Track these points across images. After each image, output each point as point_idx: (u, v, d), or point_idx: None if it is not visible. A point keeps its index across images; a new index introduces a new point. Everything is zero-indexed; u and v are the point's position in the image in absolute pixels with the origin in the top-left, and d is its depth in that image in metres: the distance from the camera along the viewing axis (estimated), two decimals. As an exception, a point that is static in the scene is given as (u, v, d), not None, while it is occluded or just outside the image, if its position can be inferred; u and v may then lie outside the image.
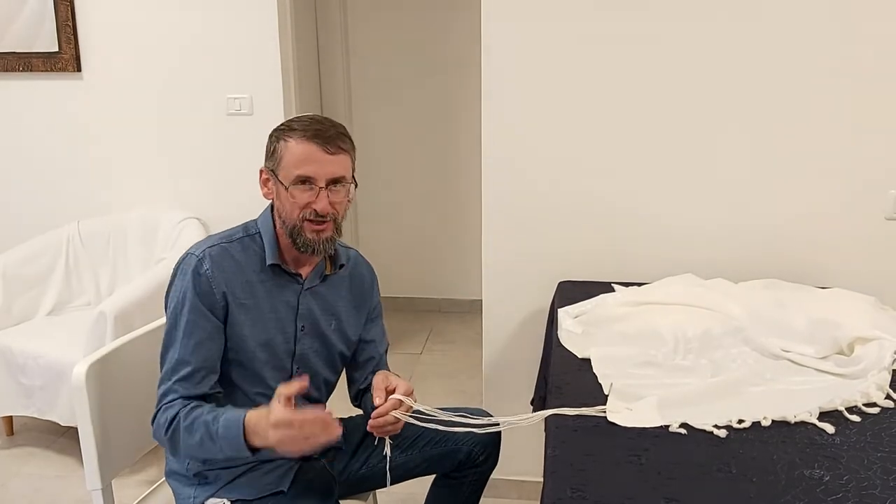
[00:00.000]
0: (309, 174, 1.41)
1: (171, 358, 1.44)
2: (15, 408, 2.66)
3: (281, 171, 1.44)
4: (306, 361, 1.57)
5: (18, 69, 3.10)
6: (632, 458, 1.23)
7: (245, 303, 1.47)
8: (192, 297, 1.43)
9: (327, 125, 1.44)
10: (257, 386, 1.51)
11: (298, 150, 1.41)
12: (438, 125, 4.03)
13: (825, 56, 2.03)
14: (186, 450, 1.41)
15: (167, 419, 1.40)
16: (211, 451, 1.37)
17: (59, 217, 3.14)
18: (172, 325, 1.45)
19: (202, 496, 1.50)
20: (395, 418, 1.44)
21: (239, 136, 3.04)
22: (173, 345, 1.44)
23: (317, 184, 1.42)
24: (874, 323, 1.66)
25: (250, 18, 2.93)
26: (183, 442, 1.39)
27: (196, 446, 1.38)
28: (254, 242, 1.51)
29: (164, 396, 1.43)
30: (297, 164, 1.41)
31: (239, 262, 1.48)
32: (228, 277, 1.45)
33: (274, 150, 1.46)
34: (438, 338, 3.89)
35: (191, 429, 1.37)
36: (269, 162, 1.48)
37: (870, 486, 1.15)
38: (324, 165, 1.41)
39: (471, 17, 3.57)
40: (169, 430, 1.39)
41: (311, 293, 1.56)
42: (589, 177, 2.19)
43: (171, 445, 1.42)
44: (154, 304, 2.55)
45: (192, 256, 1.46)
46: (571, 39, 2.11)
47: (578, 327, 1.78)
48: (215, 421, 1.35)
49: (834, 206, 2.12)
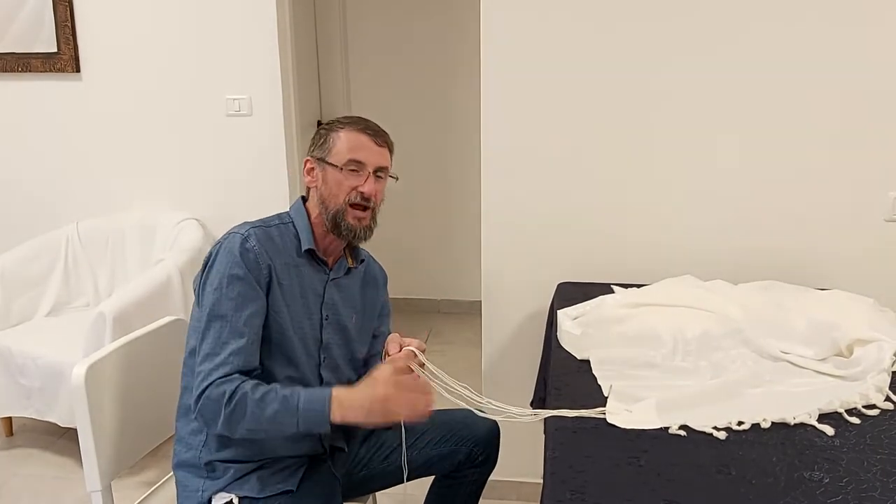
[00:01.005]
0: (360, 159, 1.53)
1: (221, 332, 1.42)
2: (14, 408, 2.65)
3: (332, 156, 1.54)
4: (331, 353, 1.60)
5: (17, 70, 3.10)
6: (631, 459, 1.23)
7: (284, 283, 1.52)
8: (241, 272, 1.45)
9: (374, 124, 1.60)
10: (287, 369, 1.52)
11: (352, 137, 1.54)
12: (438, 126, 4.03)
13: (825, 58, 2.03)
14: (252, 423, 1.37)
15: (226, 392, 1.37)
16: (284, 424, 1.37)
17: (58, 218, 3.15)
18: (217, 301, 1.44)
19: (210, 489, 1.50)
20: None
21: (238, 137, 3.04)
22: (220, 319, 1.43)
23: (366, 168, 1.54)
24: (873, 325, 1.66)
25: (249, 19, 2.93)
26: (249, 415, 1.36)
27: (267, 419, 1.36)
28: (288, 231, 1.58)
29: (216, 370, 1.39)
30: (350, 150, 1.53)
31: (278, 244, 1.54)
32: (271, 254, 1.50)
33: (324, 140, 1.56)
34: (438, 338, 3.89)
35: (263, 401, 1.36)
36: (318, 151, 1.57)
37: (869, 488, 1.15)
38: (373, 154, 1.55)
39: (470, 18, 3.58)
40: (231, 403, 1.36)
41: (335, 284, 1.61)
42: (588, 178, 2.20)
43: (228, 419, 1.37)
44: (153, 304, 2.55)
45: (235, 235, 1.49)
46: (572, 40, 2.11)
47: (578, 329, 1.78)
48: (294, 395, 1.37)
49: (833, 207, 2.12)
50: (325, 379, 1.59)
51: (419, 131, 4.05)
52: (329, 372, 1.60)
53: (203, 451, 1.52)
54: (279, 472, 1.52)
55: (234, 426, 1.39)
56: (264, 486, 1.49)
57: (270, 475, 1.51)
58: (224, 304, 1.43)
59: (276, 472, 1.52)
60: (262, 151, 3.02)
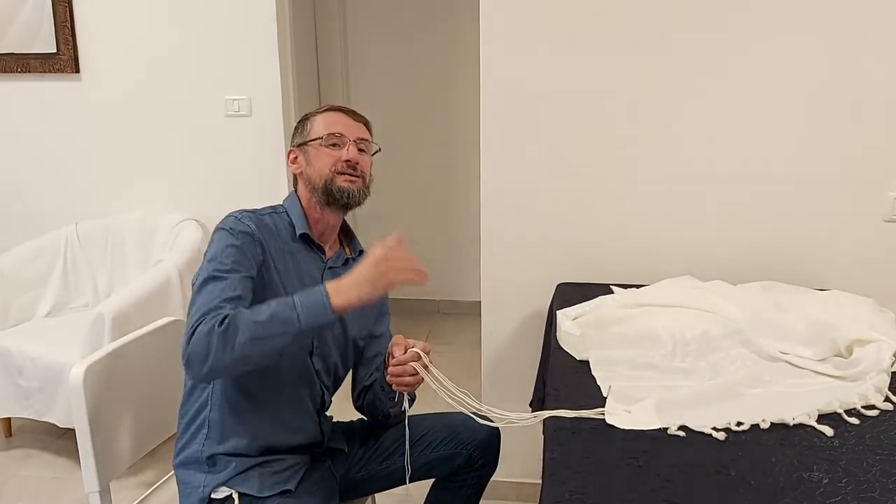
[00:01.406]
0: (339, 131, 1.59)
1: (214, 289, 1.39)
2: (13, 409, 2.65)
3: (312, 136, 1.60)
4: (324, 340, 1.60)
5: (16, 70, 3.10)
6: (630, 460, 1.23)
7: (279, 267, 1.52)
8: (234, 242, 1.46)
9: (347, 107, 1.66)
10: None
11: (328, 116, 1.61)
12: (437, 127, 4.03)
13: (824, 59, 2.03)
14: (249, 331, 1.31)
15: (218, 317, 1.33)
16: (285, 324, 1.32)
17: (58, 218, 3.14)
18: (210, 267, 1.42)
19: (212, 483, 1.50)
20: (414, 370, 1.47)
21: (237, 138, 3.04)
22: (212, 281, 1.40)
23: (346, 139, 1.59)
24: (872, 325, 1.66)
25: (249, 20, 2.93)
26: (244, 326, 1.31)
27: (266, 321, 1.32)
28: (282, 219, 1.60)
29: (208, 312, 1.35)
30: (327, 126, 1.59)
31: (272, 230, 1.56)
32: (265, 237, 1.52)
33: (303, 128, 1.62)
34: (437, 339, 3.89)
35: (258, 309, 1.34)
36: (298, 138, 1.63)
37: (869, 488, 1.14)
38: (351, 127, 1.61)
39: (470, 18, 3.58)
40: (224, 323, 1.32)
41: (332, 273, 1.60)
42: (588, 179, 2.20)
43: (222, 340, 1.31)
44: (153, 305, 2.55)
45: (231, 216, 1.52)
46: (572, 41, 2.11)
47: (577, 329, 1.78)
48: (287, 297, 1.36)
49: (832, 208, 2.12)
50: (315, 367, 1.58)
51: (419, 132, 4.06)
52: (319, 360, 1.59)
53: (206, 445, 1.52)
54: (279, 472, 1.52)
55: (230, 345, 1.31)
56: (264, 486, 1.49)
57: (271, 475, 1.51)
58: (217, 269, 1.42)
59: (277, 472, 1.52)
60: (261, 152, 3.02)
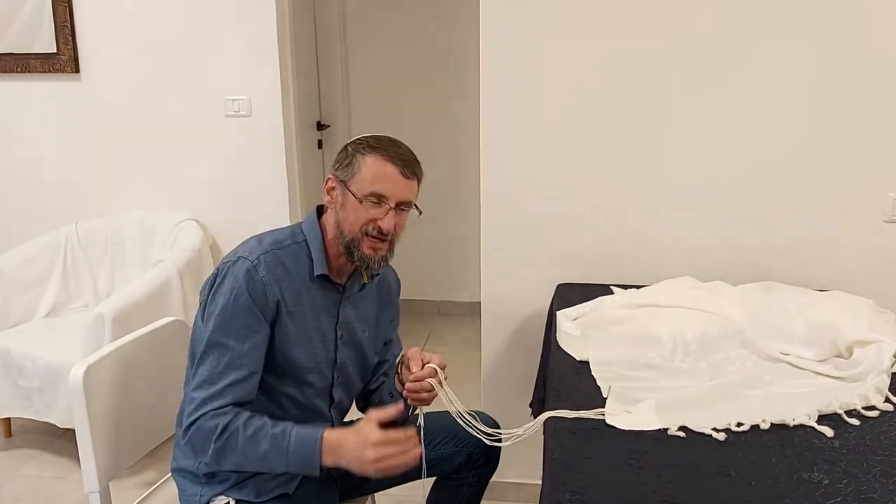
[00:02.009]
0: (384, 193, 1.44)
1: (220, 360, 1.39)
2: (13, 409, 2.65)
3: (354, 184, 1.44)
4: (345, 370, 1.58)
5: (16, 70, 3.10)
6: (630, 461, 1.23)
7: (293, 310, 1.47)
8: (246, 302, 1.40)
9: (406, 150, 1.48)
10: (297, 390, 1.51)
11: (378, 167, 1.43)
12: (438, 128, 4.03)
13: (825, 61, 2.03)
14: (241, 459, 1.36)
15: (219, 426, 1.35)
16: (273, 464, 1.36)
17: (58, 218, 3.14)
18: (218, 327, 1.40)
19: (209, 494, 1.50)
20: (431, 386, 1.47)
21: (237, 138, 3.04)
22: (221, 348, 1.40)
23: (388, 203, 1.45)
24: (873, 326, 1.66)
25: (249, 20, 2.93)
26: (240, 452, 1.35)
27: (257, 458, 1.35)
28: (301, 250, 1.51)
29: (210, 401, 1.37)
30: (374, 181, 1.43)
31: (290, 270, 1.48)
32: (281, 285, 1.45)
33: (350, 161, 1.46)
34: (437, 339, 3.89)
35: (255, 439, 1.35)
36: (342, 172, 1.47)
37: (869, 489, 1.15)
38: (399, 188, 1.44)
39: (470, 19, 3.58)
40: (222, 438, 1.35)
41: (349, 302, 1.58)
42: (587, 179, 2.19)
43: (218, 454, 1.36)
44: (153, 305, 2.55)
45: (245, 261, 1.43)
46: (572, 42, 2.11)
47: (577, 330, 1.78)
48: (285, 434, 1.35)
49: (833, 209, 2.12)
50: (337, 398, 1.58)
51: (418, 132, 4.04)
52: (341, 389, 1.59)
53: (202, 464, 1.51)
54: (277, 476, 1.52)
55: (223, 460, 1.38)
56: (261, 491, 1.49)
57: (268, 479, 1.51)
58: (226, 332, 1.40)
59: (274, 476, 1.51)
60: (261, 152, 3.02)
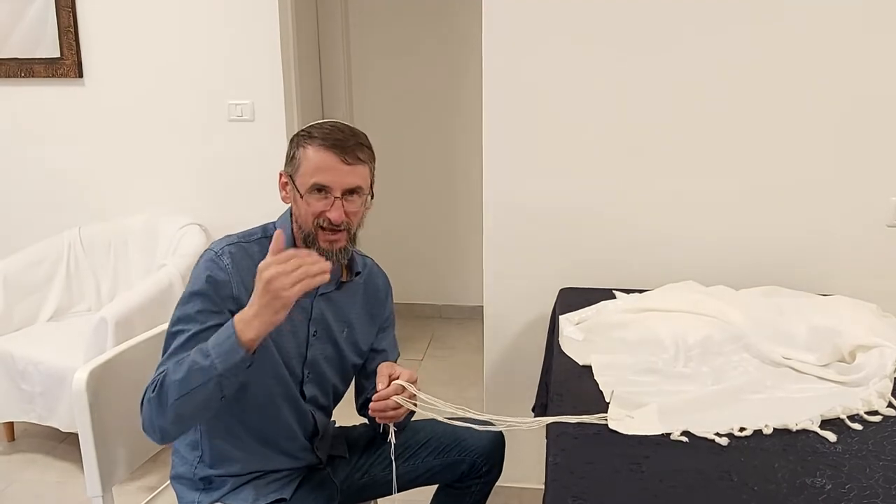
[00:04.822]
0: (324, 183, 1.40)
1: (172, 345, 1.39)
2: (16, 413, 2.65)
3: (298, 178, 1.42)
4: (317, 367, 1.55)
5: (20, 75, 3.11)
6: (633, 465, 1.23)
7: None
8: (207, 289, 1.40)
9: (347, 134, 1.42)
10: (270, 383, 1.49)
11: (316, 158, 1.40)
12: (440, 131, 4.03)
13: (826, 64, 2.03)
14: (175, 390, 1.29)
15: (153, 382, 1.33)
16: (203, 374, 1.27)
17: (61, 223, 3.14)
18: (179, 316, 1.41)
19: (206, 501, 1.50)
20: (397, 403, 1.41)
21: (240, 142, 3.04)
22: (179, 335, 1.39)
23: (332, 193, 1.40)
24: (875, 330, 1.65)
25: (252, 25, 2.94)
26: (171, 384, 1.30)
27: (184, 380, 1.29)
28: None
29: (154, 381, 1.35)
30: (313, 173, 1.40)
31: (257, 262, 1.42)
32: (245, 277, 1.41)
33: (293, 155, 1.44)
34: (439, 344, 3.88)
35: (179, 364, 1.31)
36: (288, 167, 1.46)
37: (872, 494, 1.14)
38: (340, 175, 1.40)
39: (472, 21, 3.59)
40: (155, 389, 1.31)
41: (324, 299, 1.54)
42: (590, 183, 2.20)
43: (159, 403, 1.31)
44: (155, 310, 2.55)
45: (210, 252, 1.44)
46: (574, 46, 2.11)
47: (579, 334, 1.78)
48: (203, 345, 1.31)
49: (835, 212, 2.12)
50: (308, 395, 1.55)
51: (421, 137, 4.06)
52: (313, 386, 1.56)
53: (198, 467, 1.51)
54: (275, 481, 1.52)
55: (164, 408, 1.31)
56: (258, 496, 1.49)
57: (266, 484, 1.51)
58: (185, 320, 1.39)
59: (272, 481, 1.52)
60: (264, 156, 3.03)
